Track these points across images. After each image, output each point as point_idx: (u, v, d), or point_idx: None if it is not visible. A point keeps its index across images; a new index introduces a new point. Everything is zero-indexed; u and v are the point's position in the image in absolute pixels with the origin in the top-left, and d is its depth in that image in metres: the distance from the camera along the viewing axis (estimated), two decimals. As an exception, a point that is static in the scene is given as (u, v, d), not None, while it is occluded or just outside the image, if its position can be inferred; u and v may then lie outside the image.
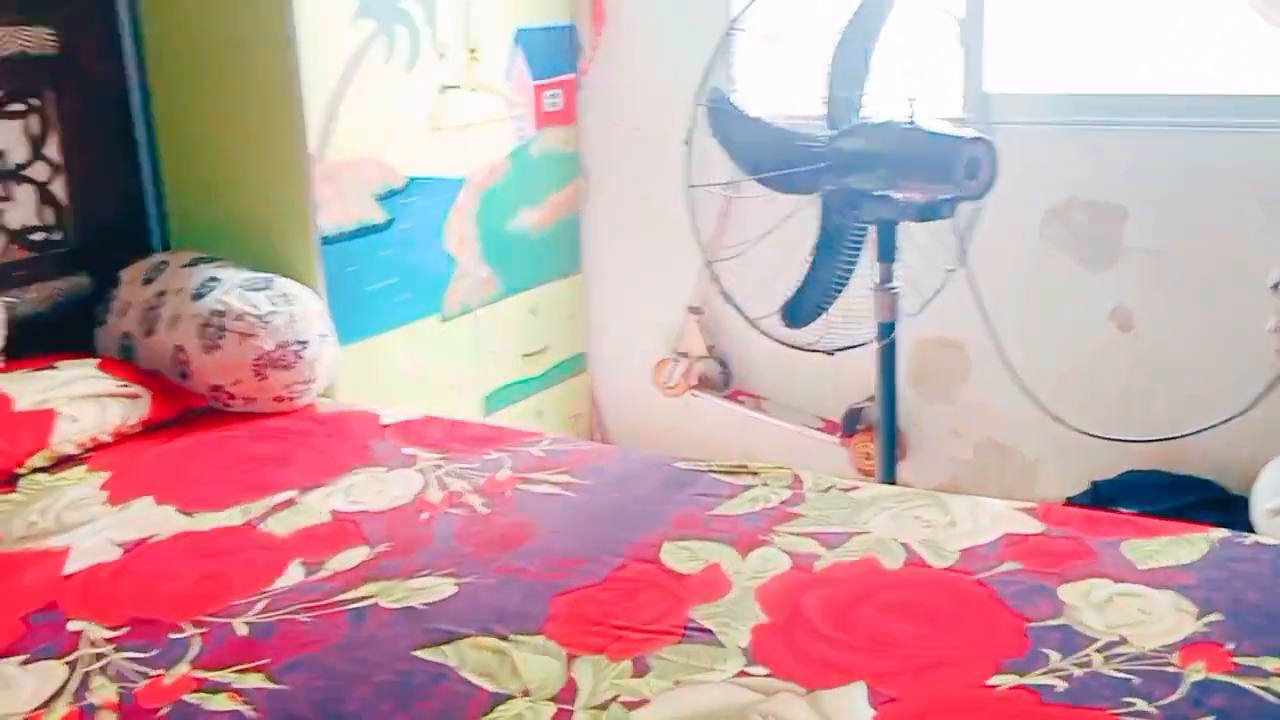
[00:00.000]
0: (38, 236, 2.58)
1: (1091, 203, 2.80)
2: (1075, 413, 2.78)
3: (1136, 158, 2.73)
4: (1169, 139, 2.69)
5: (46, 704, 1.44)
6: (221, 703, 1.42)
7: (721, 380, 3.40)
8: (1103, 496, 2.78)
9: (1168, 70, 2.75)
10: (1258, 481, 2.53)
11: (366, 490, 2.05)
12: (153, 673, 1.50)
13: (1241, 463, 2.66)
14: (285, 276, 2.54)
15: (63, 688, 1.47)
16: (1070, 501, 2.83)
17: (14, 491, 2.05)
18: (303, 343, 2.42)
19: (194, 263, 2.59)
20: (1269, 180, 2.57)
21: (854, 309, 2.64)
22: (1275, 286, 2.49)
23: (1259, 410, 2.47)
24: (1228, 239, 2.66)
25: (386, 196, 2.76)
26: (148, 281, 2.57)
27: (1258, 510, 2.49)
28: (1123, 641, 1.48)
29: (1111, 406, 2.85)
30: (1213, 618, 1.52)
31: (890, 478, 2.69)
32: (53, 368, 2.34)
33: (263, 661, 1.51)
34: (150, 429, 2.32)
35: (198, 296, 2.44)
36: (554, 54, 3.24)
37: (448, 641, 1.54)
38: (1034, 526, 1.81)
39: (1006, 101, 2.82)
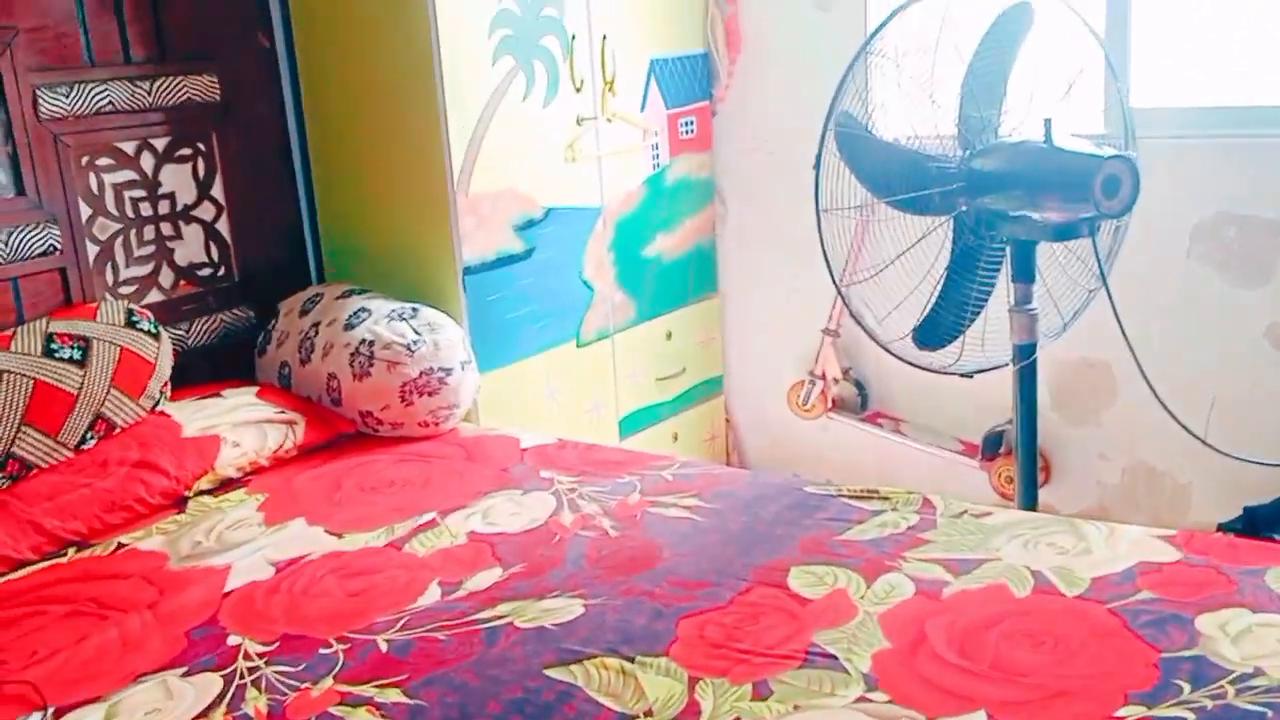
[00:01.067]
0: (204, 272, 2.75)
1: (1243, 217, 2.70)
2: (1227, 435, 2.68)
3: (1291, 170, 2.62)
4: (1327, 149, 2.58)
5: (204, 713, 1.54)
6: (362, 716, 1.51)
7: (858, 403, 3.38)
8: (1257, 522, 2.66)
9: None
10: None
11: (503, 512, 2.12)
12: (300, 686, 1.59)
13: None
14: (430, 306, 2.65)
15: (220, 698, 1.57)
16: (1222, 527, 2.72)
17: (182, 513, 2.20)
18: (446, 370, 2.52)
19: (347, 294, 2.72)
20: None
21: (991, 330, 2.60)
22: None
23: None
24: (1393, 252, 2.53)
25: (525, 227, 2.85)
26: (304, 313, 2.72)
27: None
28: (1258, 674, 1.44)
29: (1266, 428, 2.73)
30: (1359, 652, 1.46)
31: (1030, 502, 2.63)
32: (218, 395, 2.50)
33: (401, 677, 1.59)
34: (305, 453, 2.45)
35: (349, 326, 2.57)
36: (688, 82, 3.30)
37: (576, 661, 1.60)
38: (1171, 555, 1.77)
39: (1152, 116, 2.74)
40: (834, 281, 2.60)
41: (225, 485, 2.31)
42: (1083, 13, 2.54)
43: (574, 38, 2.90)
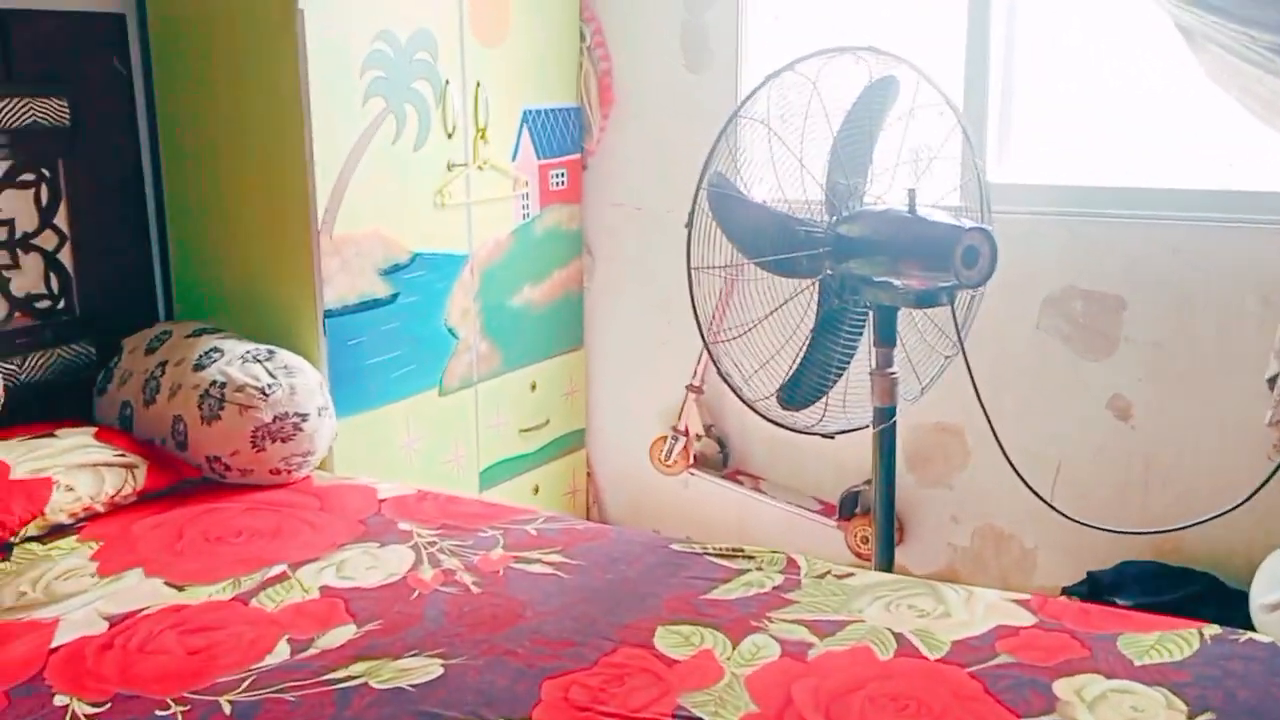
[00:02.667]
0: (43, 304, 2.60)
1: (1089, 292, 2.82)
2: (1073, 501, 2.78)
3: (1135, 249, 2.76)
4: (1167, 232, 2.71)
5: (25, 781, 1.43)
6: (202, 784, 1.41)
7: (720, 459, 3.40)
8: (1099, 587, 2.76)
9: (1166, 165, 2.79)
10: (1256, 576, 2.51)
11: (358, 566, 2.04)
12: (134, 751, 1.48)
13: (1240, 555, 2.65)
14: (287, 349, 2.56)
15: (43, 764, 1.46)
16: (1066, 591, 2.81)
17: (6, 561, 2.05)
18: (302, 415, 2.43)
19: (197, 333, 2.60)
20: (1266, 275, 2.60)
21: (853, 392, 2.65)
22: (1271, 380, 2.50)
23: (1257, 503, 2.46)
24: (1225, 332, 2.68)
25: (391, 271, 2.78)
26: (150, 351, 2.59)
27: (1255, 604, 2.47)
28: (1115, 741, 1.47)
29: (1109, 496, 2.84)
30: (1205, 716, 1.51)
31: (887, 562, 2.67)
32: (51, 435, 2.35)
33: (246, 742, 1.49)
34: (145, 499, 2.32)
35: (199, 367, 2.46)
36: (560, 134, 3.29)
37: (434, 725, 1.53)
38: (1027, 619, 1.80)
39: (1007, 191, 2.85)
40: (702, 339, 2.61)
41: (55, 532, 2.16)
42: (944, 89, 2.64)
43: (447, 83, 2.87)
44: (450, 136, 2.90)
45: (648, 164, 3.33)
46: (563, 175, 3.32)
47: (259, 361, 2.46)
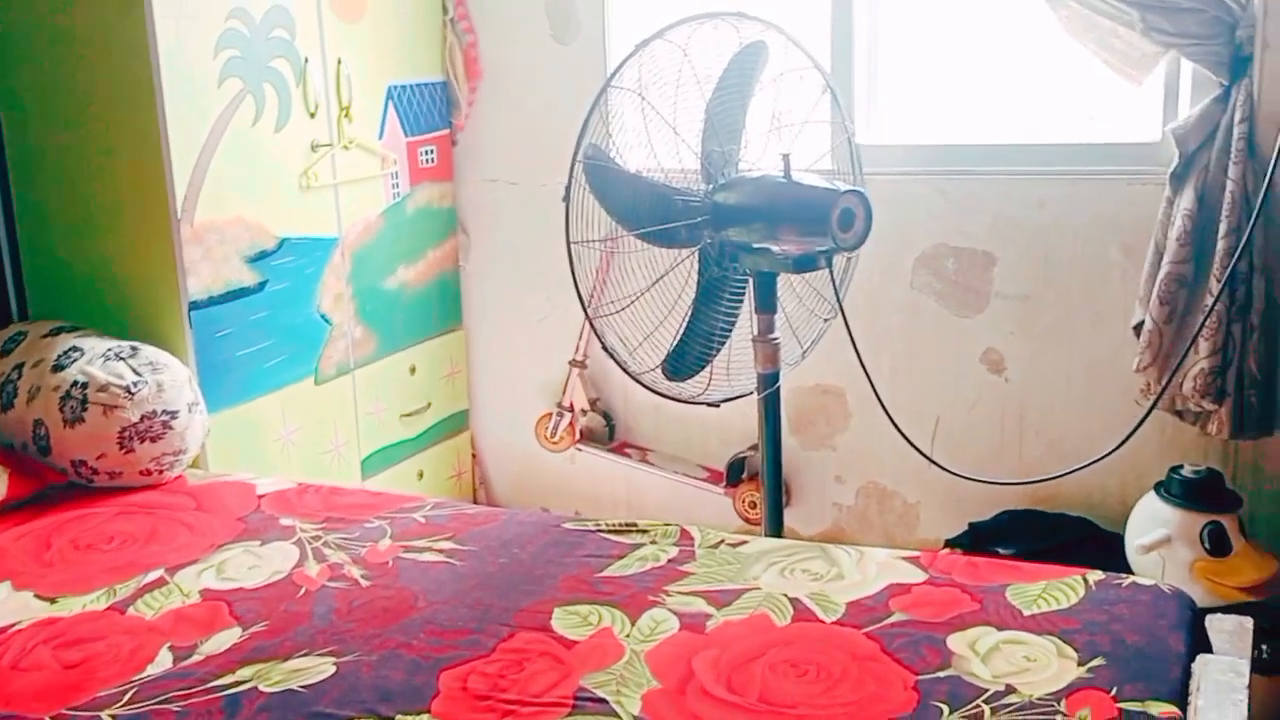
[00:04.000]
0: (-120, 308, 2.44)
1: (960, 250, 2.88)
2: (952, 455, 2.84)
3: (1002, 205, 2.82)
4: (1032, 187, 2.78)
5: (-111, 821, 1.34)
6: (85, 808, 1.34)
7: (606, 433, 3.38)
8: (980, 537, 2.83)
9: (1032, 121, 2.86)
10: (1130, 518, 2.61)
11: (240, 566, 1.97)
12: (9, 778, 1.40)
13: (1113, 499, 2.74)
14: (152, 344, 2.45)
15: (-93, 801, 1.37)
16: (949, 543, 2.88)
17: None
18: (171, 413, 2.33)
19: (54, 332, 2.47)
20: (1127, 225, 2.68)
21: (736, 359, 2.65)
22: (1136, 327, 2.59)
23: (1128, 449, 2.55)
24: (1090, 283, 2.76)
25: (257, 258, 2.68)
26: (5, 353, 2.46)
27: (1131, 546, 2.56)
28: (1010, 691, 1.50)
29: (986, 448, 2.91)
30: (1095, 663, 1.55)
31: (776, 527, 2.69)
32: (-103, 448, 2.21)
33: (130, 759, 1.43)
34: (7, 509, 2.20)
35: (58, 368, 2.33)
36: (428, 110, 3.21)
37: (329, 726, 1.49)
38: (918, 575, 1.83)
39: (877, 153, 2.89)
40: (584, 313, 2.58)
41: (-91, 550, 2.04)
42: (812, 53, 2.65)
43: (306, 61, 2.76)
44: (313, 116, 2.80)
45: (520, 138, 3.28)
46: (432, 152, 3.25)
47: (122, 359, 2.35)
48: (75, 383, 2.29)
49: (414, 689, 1.57)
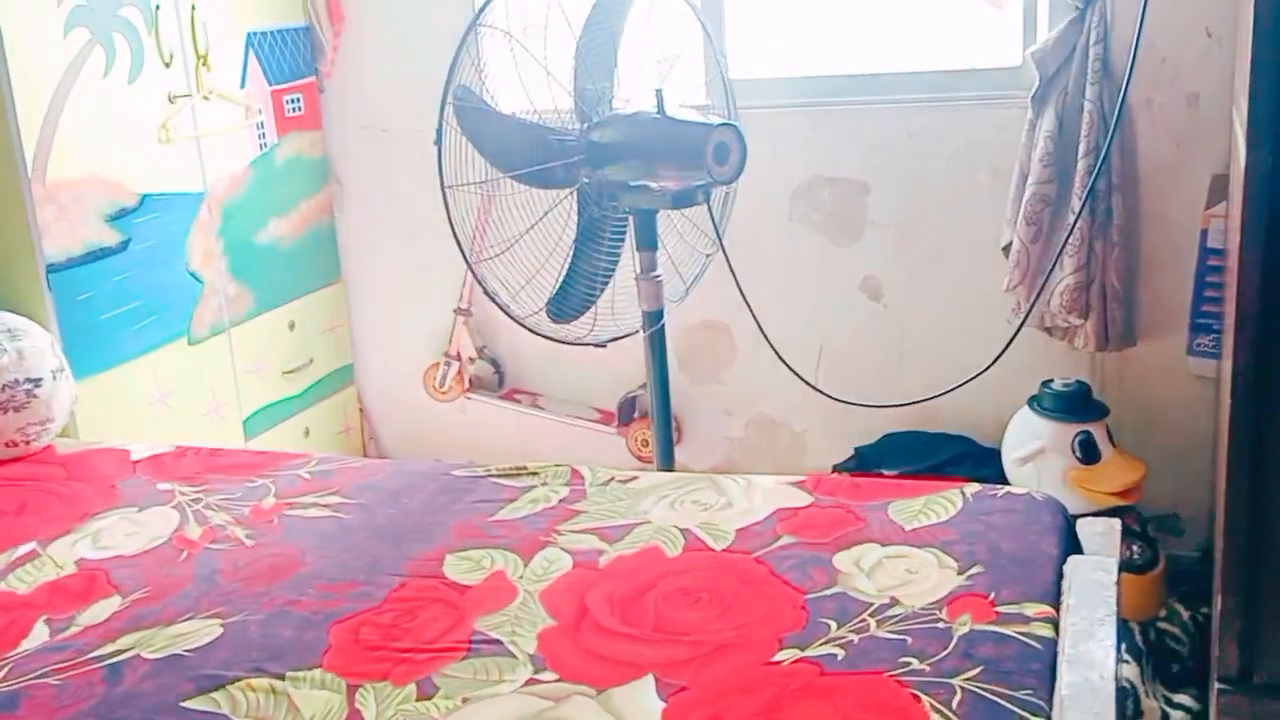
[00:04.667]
0: None
1: (835, 180, 2.90)
2: (835, 383, 2.89)
3: (873, 135, 2.85)
4: (901, 116, 2.81)
5: None
6: (-38, 788, 1.30)
7: (496, 381, 3.35)
8: (866, 461, 2.89)
9: (899, 49, 2.89)
10: (1006, 433, 2.69)
11: (117, 534, 1.91)
12: (-122, 765, 1.35)
13: (990, 417, 2.82)
14: (9, 310, 2.35)
15: None
16: (837, 468, 2.94)
17: None
18: (34, 381, 2.24)
19: (-100, 303, 2.35)
20: (995, 150, 2.73)
21: (620, 299, 2.65)
22: (1006, 248, 2.65)
23: (1001, 366, 2.62)
24: (961, 207, 2.81)
25: (118, 217, 2.58)
26: None
27: (1008, 460, 2.65)
28: (894, 603, 1.54)
29: (868, 374, 2.97)
30: (974, 571, 1.60)
31: (668, 463, 2.71)
32: None
33: (9, 735, 1.38)
34: None
35: (-93, 340, 2.22)
36: (291, 57, 3.11)
37: (218, 687, 1.46)
38: (804, 499, 1.87)
39: (749, 86, 2.89)
40: (465, 259, 2.55)
41: None
42: (682, -13, 2.63)
43: (158, 8, 2.65)
44: (168, 66, 2.69)
45: (389, 83, 3.20)
46: (298, 100, 3.15)
47: (-23, 327, 2.24)
48: (-72, 354, 2.18)
49: (304, 644, 1.54)
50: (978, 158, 2.77)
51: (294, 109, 3.13)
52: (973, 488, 1.85)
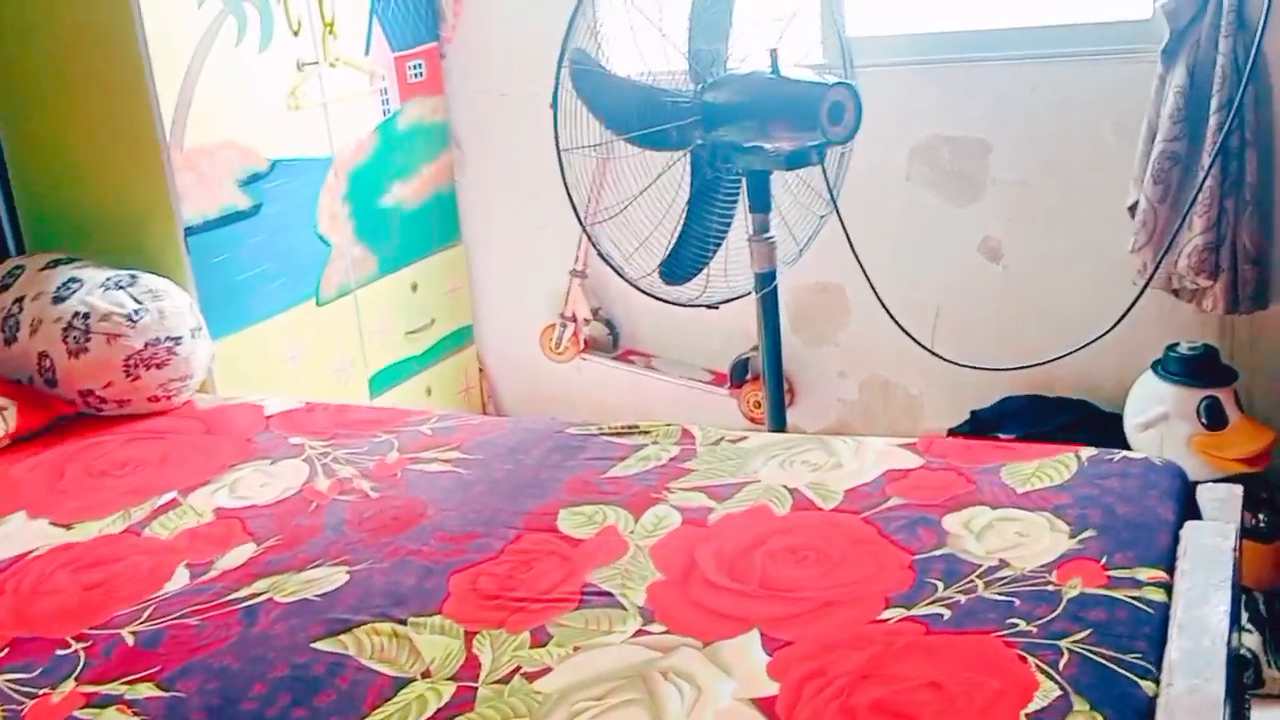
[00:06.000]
0: (-120, 250, 2.46)
1: (954, 139, 2.86)
2: (952, 345, 2.85)
3: (995, 92, 2.79)
4: (1024, 72, 2.75)
5: (-74, 736, 1.39)
6: (112, 716, 1.39)
7: (610, 341, 3.40)
8: (982, 425, 2.86)
9: (1018, 5, 2.81)
10: (1128, 398, 2.63)
11: (252, 484, 2.01)
12: (39, 692, 1.46)
13: (1111, 380, 2.76)
14: (150, 272, 2.47)
15: (-57, 717, 1.42)
16: (952, 432, 2.91)
17: (-123, 518, 1.97)
18: (175, 339, 2.35)
19: (52, 264, 2.49)
20: (1119, 105, 2.65)
21: (733, 260, 2.66)
22: (1131, 208, 2.58)
23: (1124, 329, 2.56)
24: (1085, 165, 2.74)
25: (250, 181, 2.68)
26: (4, 288, 2.47)
27: (1129, 425, 2.59)
28: (1003, 565, 1.54)
29: (986, 336, 2.92)
30: (1086, 535, 1.59)
31: (779, 424, 2.72)
32: (-91, 386, 2.25)
33: (153, 670, 1.48)
34: (19, 441, 2.24)
35: (58, 299, 2.36)
36: (414, 23, 3.18)
37: (345, 630, 1.53)
38: (914, 461, 1.86)
39: (867, 44, 2.85)
40: (579, 221, 2.59)
41: (-72, 484, 2.08)
42: (798, -56, 2.61)
43: (287, -23, 2.74)
44: (296, 34, 2.78)
45: (507, 48, 3.24)
46: (420, 66, 3.22)
47: (121, 288, 2.37)
48: (77, 313, 2.31)
49: (425, 592, 1.61)
50: (1104, 114, 2.69)
51: (416, 75, 3.20)
52: (1088, 452, 1.82)
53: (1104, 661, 1.32)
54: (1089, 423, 2.75)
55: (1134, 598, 1.43)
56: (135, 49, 2.42)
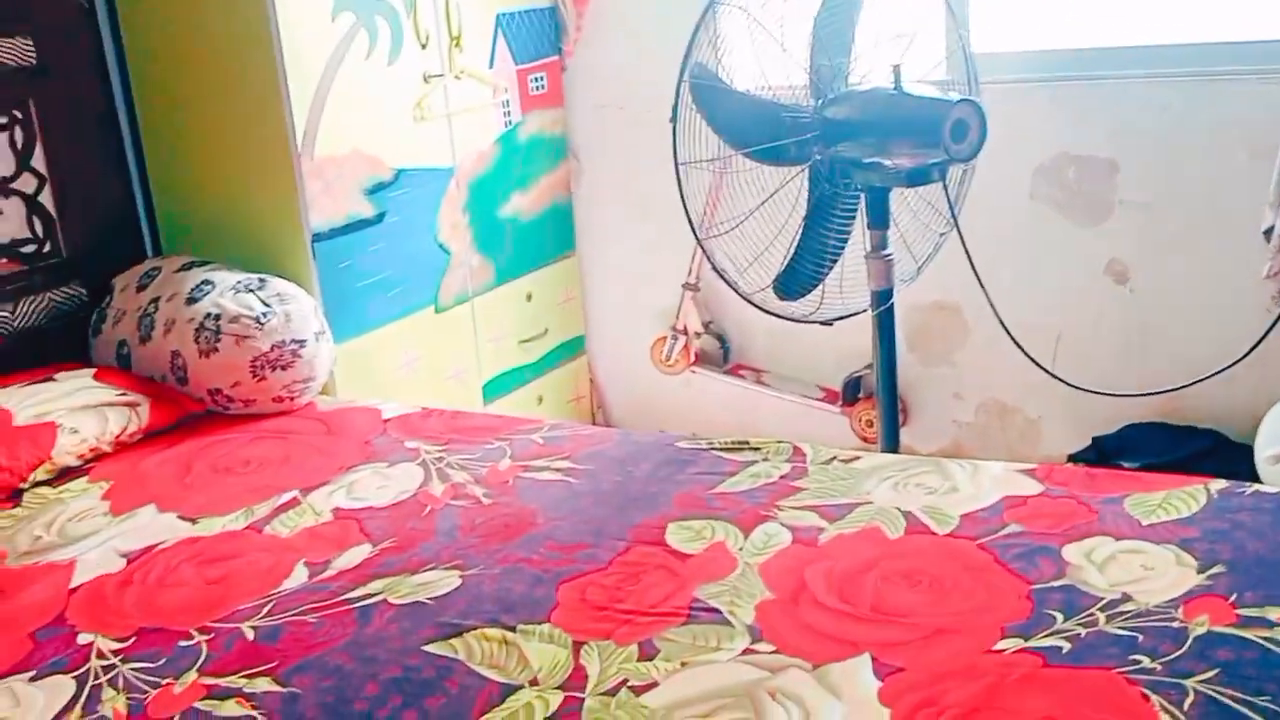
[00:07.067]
0: (28, 249, 2.57)
1: (1081, 158, 2.79)
2: (1074, 369, 2.78)
3: (1124, 111, 2.72)
4: (1155, 91, 2.67)
5: (57, 718, 1.45)
6: (231, 709, 1.43)
7: (721, 355, 3.40)
8: (1105, 452, 2.78)
9: (1150, 22, 2.73)
10: (1260, 428, 2.53)
11: (369, 486, 2.05)
12: (162, 682, 1.50)
13: (1243, 410, 2.66)
14: (278, 276, 2.54)
15: (72, 702, 1.48)
16: (1072, 458, 2.83)
17: (18, 507, 2.06)
18: (300, 341, 2.42)
19: (187, 267, 2.59)
20: (1254, 126, 2.56)
21: (849, 277, 2.63)
22: (1267, 232, 2.48)
23: (1256, 357, 2.46)
24: (1217, 187, 2.65)
25: (375, 190, 2.75)
26: (141, 288, 2.57)
27: (1261, 457, 2.49)
28: (1126, 599, 1.49)
29: (1110, 361, 2.84)
30: (1215, 570, 1.53)
31: (892, 444, 2.68)
32: (50, 379, 2.35)
33: (271, 665, 1.51)
34: (150, 436, 2.33)
35: (191, 301, 2.44)
36: (536, 37, 3.23)
37: (455, 635, 1.55)
38: (1034, 488, 1.82)
39: (992, 61, 2.80)
40: (694, 235, 2.59)
41: (65, 475, 2.17)
42: (924, -40, 2.58)
43: (416, -9, 2.80)
44: (424, 47, 2.84)
45: (628, 61, 3.27)
46: (542, 79, 3.26)
47: (251, 291, 2.44)
48: (209, 314, 2.39)
49: (534, 600, 1.62)
50: (1237, 135, 2.60)
51: (537, 87, 3.25)
52: (1218, 484, 1.76)
53: (1231, 703, 1.27)
54: (1218, 453, 2.66)
55: (1264, 638, 1.37)
56: (272, 61, 2.50)
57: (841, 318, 2.68)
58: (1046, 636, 1.43)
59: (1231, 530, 1.62)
